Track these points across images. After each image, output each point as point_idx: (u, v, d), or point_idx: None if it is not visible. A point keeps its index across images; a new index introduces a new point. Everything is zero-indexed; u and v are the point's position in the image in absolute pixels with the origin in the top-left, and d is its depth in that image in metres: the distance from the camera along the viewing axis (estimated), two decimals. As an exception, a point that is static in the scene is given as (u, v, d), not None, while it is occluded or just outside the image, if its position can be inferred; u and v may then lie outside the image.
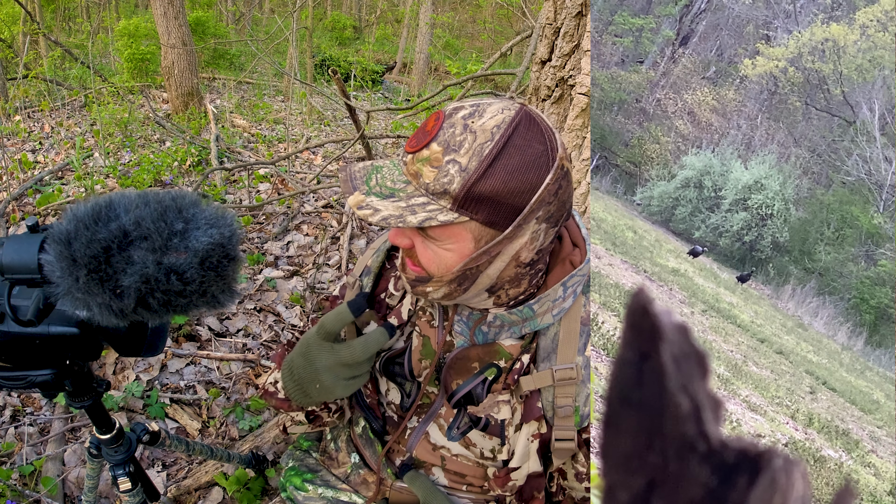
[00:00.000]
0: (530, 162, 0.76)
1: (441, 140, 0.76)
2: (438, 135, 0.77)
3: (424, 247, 0.84)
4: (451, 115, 0.78)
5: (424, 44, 11.71)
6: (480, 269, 0.83)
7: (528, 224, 0.79)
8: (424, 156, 0.77)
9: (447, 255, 0.82)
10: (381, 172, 0.81)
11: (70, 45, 8.64)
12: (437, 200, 0.77)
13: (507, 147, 0.75)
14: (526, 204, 0.77)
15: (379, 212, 0.76)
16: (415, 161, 0.78)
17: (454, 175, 0.75)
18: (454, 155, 0.75)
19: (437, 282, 0.85)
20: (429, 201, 0.77)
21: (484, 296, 0.89)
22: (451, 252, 0.82)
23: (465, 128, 0.76)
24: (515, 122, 0.76)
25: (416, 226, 0.76)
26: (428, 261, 0.84)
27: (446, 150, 0.76)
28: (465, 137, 0.75)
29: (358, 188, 0.80)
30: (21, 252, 0.73)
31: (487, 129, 0.75)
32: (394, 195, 0.78)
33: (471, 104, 0.79)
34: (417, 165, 0.78)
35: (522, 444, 0.96)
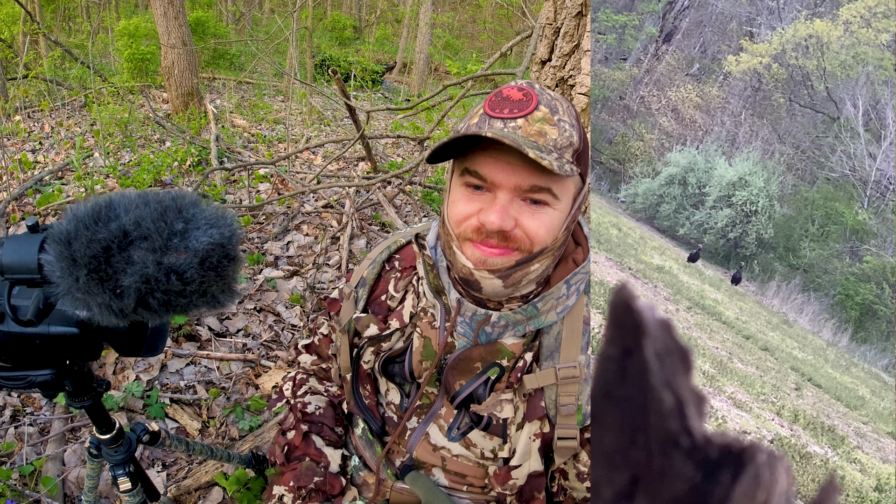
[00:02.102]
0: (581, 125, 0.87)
1: (545, 103, 0.82)
2: (541, 99, 0.83)
3: (534, 217, 0.83)
4: (532, 85, 0.84)
5: (424, 44, 11.71)
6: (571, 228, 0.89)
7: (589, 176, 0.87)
8: (539, 116, 0.81)
9: (557, 216, 0.85)
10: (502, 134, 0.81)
11: (70, 45, 8.64)
12: (563, 154, 0.81)
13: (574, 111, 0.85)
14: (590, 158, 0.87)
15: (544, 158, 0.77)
16: (531, 122, 0.81)
17: (571, 131, 0.82)
18: (559, 115, 0.82)
19: (547, 253, 0.86)
20: (560, 155, 0.81)
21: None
22: (560, 211, 0.85)
23: (546, 94, 0.84)
24: None
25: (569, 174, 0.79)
26: (540, 228, 0.84)
27: (553, 111, 0.82)
28: (555, 101, 0.83)
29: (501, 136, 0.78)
30: (21, 252, 0.73)
31: (559, 97, 0.85)
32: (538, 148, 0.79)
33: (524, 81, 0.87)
34: (537, 125, 0.81)
35: (524, 443, 0.96)
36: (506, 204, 0.81)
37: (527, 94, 0.82)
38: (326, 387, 1.23)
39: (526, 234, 0.83)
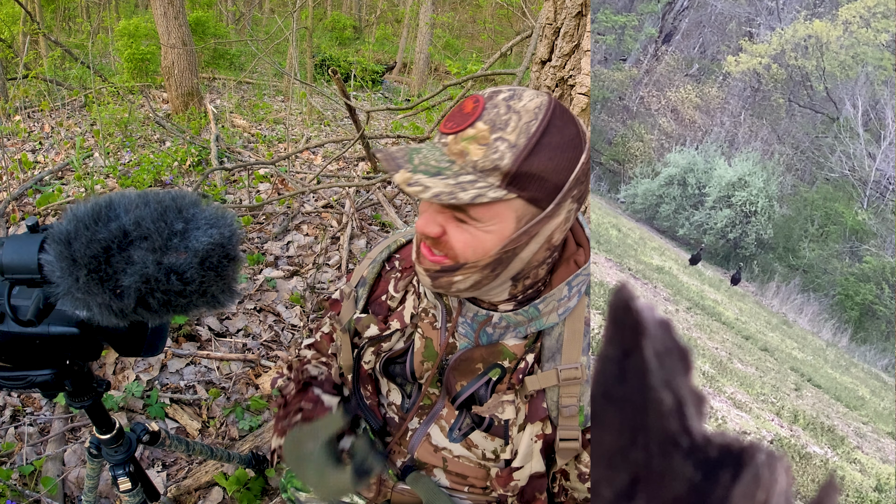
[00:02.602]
0: (569, 141, 0.79)
1: (487, 119, 0.78)
2: (483, 114, 0.78)
3: (461, 231, 0.83)
4: (491, 98, 0.80)
5: (424, 44, 11.71)
6: (517, 252, 0.84)
7: (565, 202, 0.81)
8: (470, 134, 0.78)
9: (487, 238, 0.82)
10: (422, 153, 0.81)
11: (70, 45, 8.64)
12: (486, 178, 0.77)
13: (550, 126, 0.78)
14: (565, 182, 0.80)
15: (429, 188, 0.76)
16: (458, 140, 0.79)
17: (504, 151, 0.77)
18: (501, 133, 0.77)
19: (470, 268, 0.84)
20: (477, 179, 0.77)
21: (507, 285, 0.89)
22: (492, 234, 0.82)
23: (509, 108, 0.78)
24: (552, 106, 0.79)
25: (466, 202, 0.76)
26: (464, 245, 0.83)
27: (493, 129, 0.78)
28: (511, 117, 0.78)
29: (402, 166, 0.80)
30: (21, 252, 0.73)
31: (530, 109, 0.78)
32: (440, 173, 0.78)
33: (507, 88, 0.82)
34: (462, 144, 0.78)
35: (526, 445, 0.96)
36: (433, 212, 0.83)
37: (475, 108, 0.79)
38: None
39: (450, 245, 0.84)
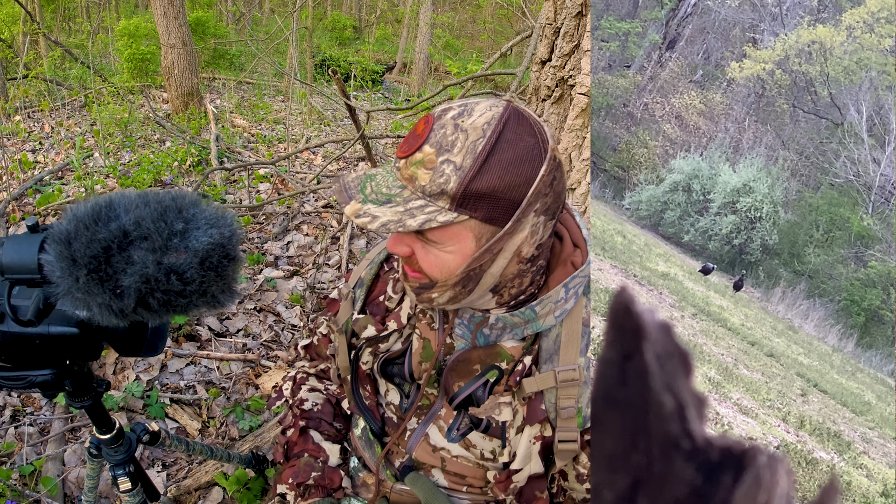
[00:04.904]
0: (523, 155, 0.77)
1: (433, 141, 0.76)
2: (430, 137, 0.77)
3: (425, 252, 0.83)
4: (440, 117, 0.78)
5: (424, 44, 11.71)
6: (484, 269, 0.83)
7: (526, 217, 0.79)
8: (418, 159, 0.77)
9: (449, 258, 0.82)
10: (376, 180, 0.81)
11: (70, 45, 8.65)
12: (435, 202, 0.77)
13: (500, 142, 0.76)
14: (523, 197, 0.78)
15: (377, 218, 0.76)
16: (408, 165, 0.78)
17: (450, 174, 0.75)
18: (448, 155, 0.75)
19: (441, 286, 0.85)
20: (426, 203, 0.77)
21: (488, 296, 0.89)
22: (453, 254, 0.81)
23: (456, 127, 0.76)
24: (505, 118, 0.77)
25: (415, 228, 0.75)
26: (430, 266, 0.84)
27: (439, 151, 0.76)
28: (457, 137, 0.76)
29: (353, 197, 0.80)
30: (21, 252, 0.73)
31: (478, 126, 0.76)
32: (390, 201, 0.78)
33: (458, 104, 0.79)
34: (412, 169, 0.77)
35: (524, 447, 0.96)
36: (399, 234, 0.84)
37: (424, 130, 0.78)
38: (326, 385, 1.24)
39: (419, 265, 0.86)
